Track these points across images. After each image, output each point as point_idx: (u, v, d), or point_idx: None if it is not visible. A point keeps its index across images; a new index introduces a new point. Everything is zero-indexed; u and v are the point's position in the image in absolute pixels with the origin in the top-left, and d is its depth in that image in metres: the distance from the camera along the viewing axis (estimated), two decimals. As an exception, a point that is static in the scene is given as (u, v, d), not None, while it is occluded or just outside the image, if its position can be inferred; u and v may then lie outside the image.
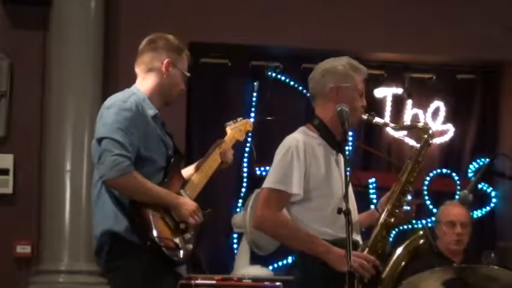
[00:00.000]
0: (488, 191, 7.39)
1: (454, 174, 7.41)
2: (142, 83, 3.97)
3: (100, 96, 6.30)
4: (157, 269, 3.72)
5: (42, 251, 6.42)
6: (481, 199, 7.31)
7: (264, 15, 6.99)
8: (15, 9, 6.68)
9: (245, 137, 4.39)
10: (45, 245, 6.38)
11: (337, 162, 3.85)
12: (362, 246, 3.83)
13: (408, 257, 3.91)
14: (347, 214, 3.43)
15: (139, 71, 4.00)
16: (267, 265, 6.70)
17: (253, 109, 7.17)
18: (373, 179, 7.26)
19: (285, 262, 6.96)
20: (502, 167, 5.07)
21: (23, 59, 6.68)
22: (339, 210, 3.46)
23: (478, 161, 7.43)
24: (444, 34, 7.19)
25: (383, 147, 7.44)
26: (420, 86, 7.51)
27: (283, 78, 7.28)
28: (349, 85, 3.89)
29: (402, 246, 3.94)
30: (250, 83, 7.22)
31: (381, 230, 3.87)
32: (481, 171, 5.04)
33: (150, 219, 3.72)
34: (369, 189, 7.20)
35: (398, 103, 7.43)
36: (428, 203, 7.20)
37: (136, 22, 6.57)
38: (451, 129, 7.48)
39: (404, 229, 5.71)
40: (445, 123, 7.47)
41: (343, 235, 3.50)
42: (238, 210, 6.94)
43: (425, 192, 7.25)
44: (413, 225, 5.52)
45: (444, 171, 7.41)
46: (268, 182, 3.79)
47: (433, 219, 6.48)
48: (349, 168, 3.58)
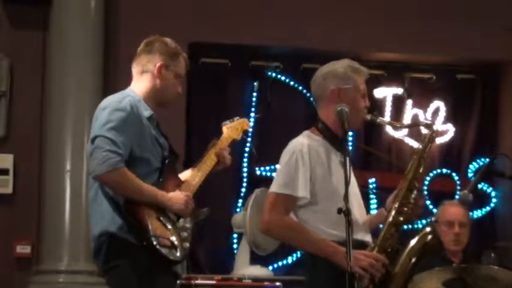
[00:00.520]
0: (488, 191, 7.40)
1: (454, 174, 7.41)
2: (137, 84, 3.98)
3: (100, 96, 6.29)
4: (154, 268, 3.73)
5: (42, 251, 6.42)
6: (481, 199, 7.31)
7: (264, 15, 6.99)
8: (15, 9, 6.69)
9: (242, 136, 4.37)
10: (45, 245, 6.39)
11: (342, 164, 3.85)
12: (371, 245, 3.85)
13: (417, 254, 3.92)
14: (347, 214, 3.46)
15: (134, 72, 4.02)
16: (267, 265, 6.70)
17: (253, 109, 7.17)
18: (373, 179, 7.27)
19: (284, 262, 6.96)
20: (502, 167, 5.06)
21: (23, 59, 6.69)
22: (339, 211, 3.49)
23: (478, 161, 7.44)
24: (444, 34, 7.19)
25: (383, 147, 7.45)
26: (420, 86, 7.51)
27: (283, 78, 7.28)
28: (350, 86, 3.91)
29: (411, 243, 3.95)
30: (250, 83, 7.22)
31: (389, 228, 3.89)
32: (481, 171, 5.03)
33: (145, 218, 3.73)
34: (369, 189, 7.19)
35: (399, 103, 7.44)
36: (428, 203, 7.19)
37: (136, 22, 6.58)
38: (451, 129, 7.48)
39: (407, 229, 5.70)
40: (445, 123, 7.48)
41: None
42: (238, 210, 6.94)
43: (425, 192, 7.25)
44: (413, 225, 5.53)
45: (444, 171, 7.41)
46: (275, 186, 3.82)
47: (433, 219, 6.49)
48: (352, 168, 3.60)
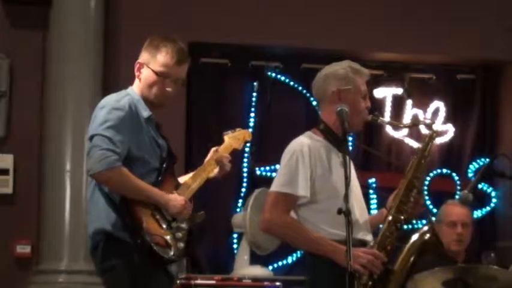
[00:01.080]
0: (488, 191, 7.40)
1: (454, 174, 7.41)
2: (135, 83, 3.96)
3: (100, 96, 6.25)
4: (148, 266, 3.72)
5: (42, 251, 6.41)
6: (481, 199, 7.31)
7: (264, 15, 6.99)
8: (15, 9, 6.68)
9: (243, 146, 4.37)
10: (45, 245, 6.38)
11: (343, 165, 3.86)
12: (370, 244, 3.87)
13: (417, 252, 3.94)
14: (347, 214, 3.48)
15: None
16: (267, 265, 6.70)
17: (253, 109, 7.17)
18: (373, 179, 7.27)
19: (284, 262, 6.96)
20: (502, 167, 5.07)
21: (23, 59, 6.68)
22: (339, 211, 3.51)
23: (478, 161, 7.44)
24: (444, 34, 7.19)
25: (383, 147, 7.44)
26: (420, 86, 7.51)
27: (283, 78, 7.27)
28: (350, 88, 3.93)
29: (410, 241, 3.96)
30: (250, 83, 7.22)
31: (389, 226, 3.92)
32: (481, 171, 5.03)
33: (141, 216, 3.72)
34: (369, 189, 7.20)
35: (399, 103, 7.43)
36: (428, 203, 7.20)
37: (136, 22, 6.58)
38: (451, 129, 7.48)
39: (408, 229, 5.70)
40: (445, 123, 7.47)
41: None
42: (238, 210, 6.94)
43: (425, 192, 7.25)
44: (413, 225, 5.52)
45: (444, 171, 7.41)
46: (275, 185, 3.86)
47: (434, 219, 6.48)
48: (353, 168, 3.62)
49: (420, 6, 7.20)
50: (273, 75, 7.24)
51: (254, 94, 7.20)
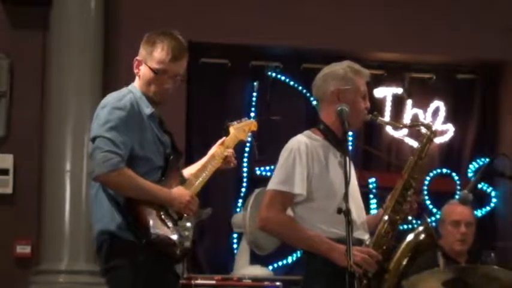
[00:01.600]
0: (488, 191, 7.40)
1: (454, 174, 7.41)
2: (136, 81, 3.92)
3: (100, 96, 6.28)
4: (154, 266, 3.71)
5: (42, 251, 6.42)
6: (481, 199, 7.31)
7: (264, 15, 6.99)
8: (15, 9, 6.69)
9: (247, 137, 4.35)
10: (45, 245, 6.39)
11: (342, 165, 3.87)
12: (366, 242, 3.87)
13: (412, 251, 3.95)
14: (347, 214, 3.48)
15: None
16: (266, 265, 6.70)
17: (253, 109, 7.17)
18: (373, 179, 7.27)
19: (284, 262, 6.96)
20: (502, 167, 5.06)
21: (23, 59, 6.69)
22: (339, 210, 3.52)
23: (478, 161, 7.44)
24: (444, 34, 7.19)
25: (383, 147, 7.45)
26: (420, 86, 7.52)
27: (283, 78, 7.28)
28: (349, 87, 3.93)
29: (406, 241, 3.97)
30: (250, 83, 7.22)
31: (384, 226, 3.92)
32: (481, 171, 5.03)
33: (146, 216, 3.70)
34: (369, 189, 7.20)
35: (398, 103, 7.44)
36: (428, 203, 7.20)
37: (136, 22, 6.57)
38: (451, 129, 7.48)
39: (406, 229, 5.71)
40: (445, 123, 7.48)
41: None
42: (238, 210, 6.94)
43: (425, 192, 7.25)
44: (413, 225, 5.52)
45: (444, 171, 7.41)
46: (272, 183, 3.86)
47: (433, 219, 6.49)
48: (353, 168, 3.61)
49: (420, 7, 7.20)
50: (273, 75, 7.24)
51: (254, 94, 7.20)
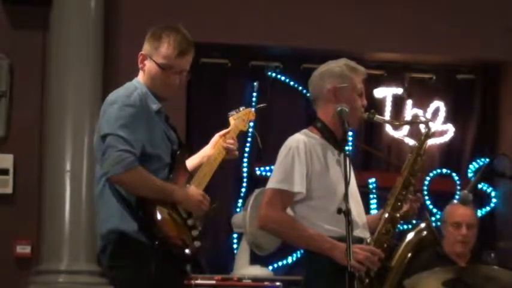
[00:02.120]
0: (488, 191, 7.39)
1: (454, 174, 7.41)
2: (140, 75, 3.86)
3: (100, 96, 6.29)
4: (164, 267, 3.66)
5: (42, 251, 6.41)
6: (481, 199, 7.31)
7: (264, 15, 6.99)
8: (15, 9, 6.69)
9: (248, 127, 4.30)
10: (45, 245, 6.38)
11: (340, 163, 3.87)
12: (368, 241, 3.87)
13: (414, 249, 3.95)
14: (347, 214, 3.49)
15: None
16: (267, 265, 6.70)
17: (253, 109, 7.15)
18: (373, 179, 7.27)
19: (284, 262, 6.96)
20: (502, 167, 5.07)
21: (23, 59, 6.69)
22: (339, 210, 3.52)
23: (478, 161, 7.43)
24: (444, 34, 7.19)
25: (383, 147, 7.45)
26: (420, 86, 7.51)
27: (283, 78, 7.28)
28: (346, 85, 3.92)
29: (407, 238, 3.97)
30: (250, 83, 7.22)
31: (385, 224, 3.92)
32: (481, 171, 5.03)
33: (157, 216, 3.65)
34: (368, 189, 7.20)
35: (398, 103, 7.44)
36: (428, 203, 7.19)
37: (136, 22, 6.56)
38: (451, 129, 7.48)
39: (406, 228, 5.70)
40: (445, 123, 7.48)
41: None
42: (238, 210, 6.94)
43: (425, 192, 7.25)
44: (411, 223, 5.51)
45: (444, 171, 7.41)
46: (272, 182, 3.85)
47: (433, 219, 6.48)
48: (352, 168, 3.62)
49: (420, 7, 7.20)
50: (273, 75, 7.24)
51: (254, 94, 7.20)
